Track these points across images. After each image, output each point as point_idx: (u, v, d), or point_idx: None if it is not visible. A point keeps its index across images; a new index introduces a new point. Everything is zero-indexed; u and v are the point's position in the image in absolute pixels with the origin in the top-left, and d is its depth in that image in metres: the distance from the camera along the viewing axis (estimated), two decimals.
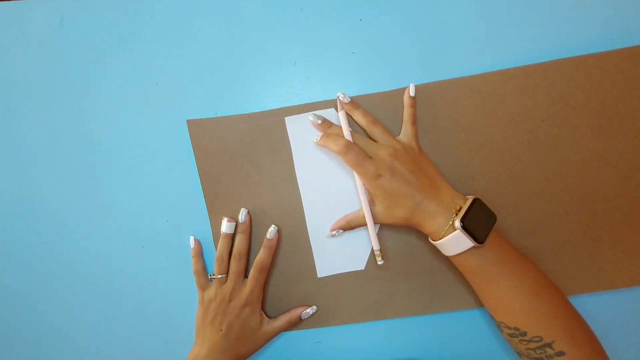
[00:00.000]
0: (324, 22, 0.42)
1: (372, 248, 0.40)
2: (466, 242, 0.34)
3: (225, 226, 0.42)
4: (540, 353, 0.34)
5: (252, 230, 0.43)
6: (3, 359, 0.48)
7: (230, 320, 0.41)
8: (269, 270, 0.43)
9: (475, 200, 0.36)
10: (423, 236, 0.42)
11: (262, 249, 0.42)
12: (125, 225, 0.45)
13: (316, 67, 0.43)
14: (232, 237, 0.42)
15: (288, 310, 0.43)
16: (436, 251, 0.42)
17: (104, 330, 0.47)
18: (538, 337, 0.34)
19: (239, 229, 0.42)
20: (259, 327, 0.42)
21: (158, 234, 0.45)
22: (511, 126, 0.41)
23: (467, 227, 0.34)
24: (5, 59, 0.45)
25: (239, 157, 0.43)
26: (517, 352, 0.37)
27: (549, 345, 0.33)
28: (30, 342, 0.48)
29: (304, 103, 0.42)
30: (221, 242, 0.42)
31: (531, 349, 0.34)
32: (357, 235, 0.43)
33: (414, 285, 0.43)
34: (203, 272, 0.43)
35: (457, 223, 0.34)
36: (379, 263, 0.40)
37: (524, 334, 0.34)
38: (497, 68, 0.40)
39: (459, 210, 0.35)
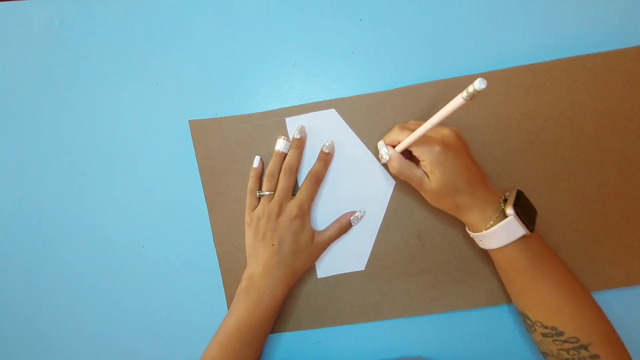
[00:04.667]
0: (324, 22, 0.42)
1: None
2: (518, 230, 0.33)
3: (280, 144, 0.41)
4: (574, 354, 0.33)
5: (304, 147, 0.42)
6: (3, 359, 0.48)
7: (281, 235, 0.40)
8: None
9: (519, 191, 0.35)
10: (424, 236, 0.42)
11: (317, 161, 0.41)
12: (125, 225, 0.45)
13: (316, 67, 0.43)
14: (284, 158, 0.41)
15: (337, 218, 0.42)
16: (436, 252, 0.42)
17: (104, 330, 0.47)
18: (575, 338, 0.33)
19: (294, 143, 0.41)
20: (311, 240, 0.41)
21: (158, 234, 0.45)
22: (513, 126, 0.41)
23: (518, 214, 0.33)
24: (5, 59, 0.45)
25: (240, 157, 0.43)
26: (545, 353, 0.36)
27: (585, 347, 0.33)
28: (30, 341, 0.48)
29: (304, 103, 0.42)
30: (273, 159, 0.41)
31: (564, 350, 0.34)
32: (357, 235, 0.43)
33: (414, 286, 0.43)
34: (255, 192, 0.42)
35: (509, 210, 0.33)
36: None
37: (561, 334, 0.34)
38: (500, 67, 0.40)
39: (505, 199, 0.35)
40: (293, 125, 0.42)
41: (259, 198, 0.42)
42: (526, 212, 0.34)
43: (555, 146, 0.40)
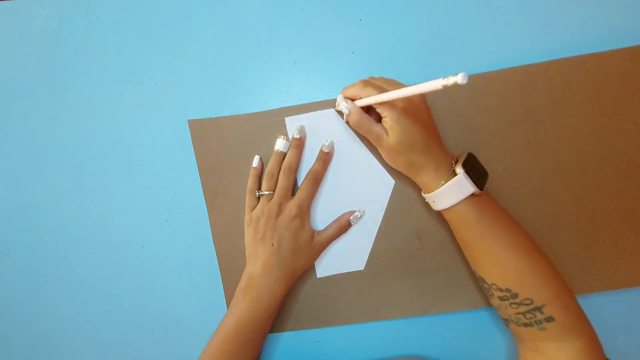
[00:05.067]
0: (324, 22, 0.42)
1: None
2: (467, 188, 0.34)
3: (280, 144, 0.41)
4: (530, 318, 0.33)
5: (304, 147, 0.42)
6: (3, 359, 0.48)
7: (280, 234, 0.40)
8: None
9: (470, 153, 0.36)
10: (424, 236, 0.42)
11: (316, 161, 0.41)
12: (125, 225, 0.45)
13: (316, 67, 0.43)
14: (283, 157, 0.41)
15: (337, 218, 0.43)
16: (436, 252, 0.42)
17: (104, 330, 0.47)
18: (529, 299, 0.33)
19: (293, 143, 0.41)
20: (310, 239, 0.41)
21: (158, 234, 0.45)
22: (511, 126, 0.41)
23: (468, 173, 0.34)
24: (5, 59, 0.45)
25: (239, 157, 0.43)
26: (506, 320, 0.36)
27: (539, 309, 0.33)
28: (31, 341, 0.48)
29: (304, 103, 0.42)
30: (272, 159, 0.41)
31: (521, 313, 0.34)
32: (356, 235, 0.43)
33: (414, 286, 0.43)
34: (254, 192, 0.42)
35: (459, 169, 0.34)
36: None
37: (515, 295, 0.34)
38: (498, 67, 0.40)
39: (456, 161, 0.36)
40: (292, 125, 0.42)
41: (259, 198, 0.42)
42: (476, 171, 0.35)
43: (553, 146, 0.40)
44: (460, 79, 0.25)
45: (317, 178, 0.41)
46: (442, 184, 0.35)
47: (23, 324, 0.48)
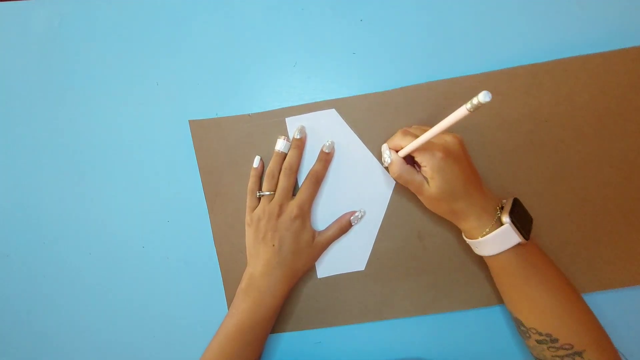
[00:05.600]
0: (324, 22, 0.42)
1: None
2: (513, 238, 0.34)
3: (280, 144, 0.41)
4: None
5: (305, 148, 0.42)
6: (3, 359, 0.48)
7: (281, 235, 0.40)
8: None
9: (515, 199, 0.36)
10: (424, 236, 0.42)
11: (317, 161, 0.41)
12: (125, 225, 0.45)
13: (316, 67, 0.43)
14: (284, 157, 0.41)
15: (337, 218, 0.43)
16: (436, 252, 0.42)
17: (104, 330, 0.47)
18: (569, 344, 0.33)
19: (294, 144, 0.41)
20: (311, 240, 0.41)
21: (158, 234, 0.45)
22: (514, 126, 0.41)
23: (514, 222, 0.33)
24: (5, 59, 0.45)
25: (240, 158, 0.43)
26: (538, 359, 0.37)
27: (579, 354, 0.33)
28: (31, 341, 0.48)
29: (304, 103, 0.42)
30: (273, 160, 0.41)
31: (559, 356, 0.34)
32: (357, 235, 0.43)
33: (414, 286, 0.43)
34: (255, 193, 0.42)
35: (505, 218, 0.33)
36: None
37: (556, 340, 0.34)
38: (500, 67, 0.40)
39: (501, 207, 0.35)
40: (293, 125, 0.42)
41: (259, 198, 0.42)
42: (522, 220, 0.35)
43: (556, 146, 0.40)
44: (482, 97, 0.24)
45: (317, 178, 0.41)
46: (486, 232, 0.34)
47: (23, 324, 0.48)
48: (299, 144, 0.41)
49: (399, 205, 0.42)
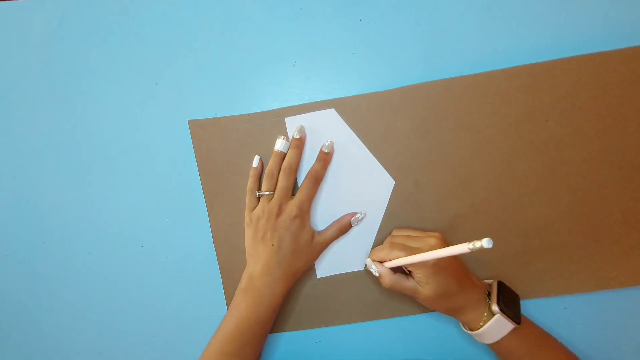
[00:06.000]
0: (324, 22, 0.42)
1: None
2: (507, 325, 0.36)
3: (280, 144, 0.41)
4: None
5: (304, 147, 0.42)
6: (3, 359, 0.48)
7: (280, 235, 0.40)
8: None
9: (499, 283, 0.39)
10: None
11: (316, 161, 0.41)
12: (125, 225, 0.45)
13: (316, 67, 0.43)
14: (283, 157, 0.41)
15: (338, 219, 0.43)
16: None
17: (104, 330, 0.47)
18: None
19: (293, 143, 0.41)
20: (310, 239, 0.41)
21: (158, 234, 0.45)
22: (514, 126, 0.40)
23: (503, 310, 0.36)
24: (5, 59, 0.45)
25: (239, 157, 0.43)
26: None
27: None
28: (30, 341, 0.48)
29: (304, 103, 0.42)
30: (272, 159, 0.41)
31: None
32: (356, 235, 0.43)
33: None
34: (255, 192, 0.42)
35: (494, 307, 0.36)
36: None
37: None
38: (501, 67, 0.40)
39: (488, 294, 0.38)
40: (292, 125, 0.42)
41: (259, 198, 0.42)
42: (510, 303, 0.37)
43: (556, 146, 0.40)
44: (485, 243, 0.26)
45: (317, 178, 0.41)
46: (482, 324, 0.36)
47: (23, 324, 0.48)
48: (299, 144, 0.41)
49: (398, 205, 0.42)
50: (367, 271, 0.42)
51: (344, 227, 0.42)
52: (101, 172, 0.45)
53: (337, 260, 0.43)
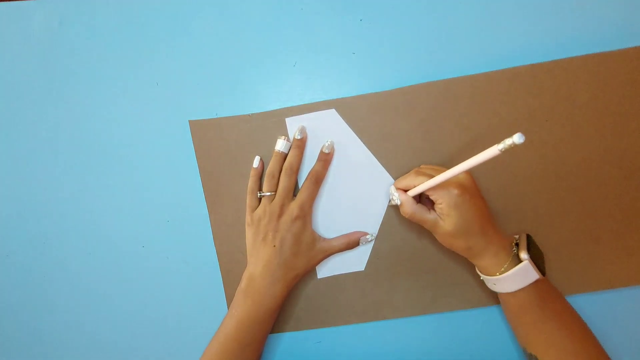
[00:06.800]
0: (324, 22, 0.42)
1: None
2: (532, 275, 0.34)
3: (280, 144, 0.41)
4: None
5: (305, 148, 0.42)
6: (3, 359, 0.48)
7: (282, 235, 0.40)
8: None
9: (528, 236, 0.37)
10: (424, 236, 0.42)
11: (317, 162, 0.41)
12: (125, 225, 0.45)
13: (316, 67, 0.43)
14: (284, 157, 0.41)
15: (347, 233, 0.42)
16: (436, 252, 0.42)
17: (104, 330, 0.47)
18: None
19: (294, 144, 0.41)
20: (313, 243, 0.41)
21: (158, 234, 0.45)
22: (514, 126, 0.40)
23: (533, 259, 0.34)
24: (5, 59, 0.45)
25: (240, 158, 0.43)
26: None
27: None
28: (30, 341, 0.48)
29: (304, 103, 0.42)
30: (273, 160, 0.41)
31: None
32: None
33: (414, 285, 0.43)
34: (255, 193, 0.42)
35: (524, 254, 0.34)
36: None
37: None
38: (501, 67, 0.40)
39: (516, 244, 0.36)
40: (293, 125, 0.42)
41: (260, 198, 0.42)
42: (536, 256, 0.35)
43: (556, 146, 0.40)
44: (516, 138, 0.24)
45: (318, 179, 0.41)
46: (504, 270, 0.35)
47: (23, 325, 0.48)
48: (300, 144, 0.41)
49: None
50: (389, 205, 0.40)
51: (351, 243, 0.42)
52: (101, 172, 0.45)
53: (338, 261, 0.43)
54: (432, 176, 0.35)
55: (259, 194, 0.41)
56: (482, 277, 0.37)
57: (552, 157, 0.41)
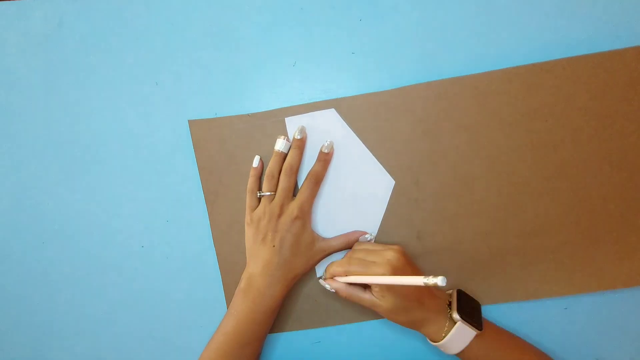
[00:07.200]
0: (324, 22, 0.42)
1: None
2: (469, 332, 0.36)
3: (280, 144, 0.41)
4: None
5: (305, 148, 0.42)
6: (3, 358, 0.48)
7: (282, 236, 0.40)
8: None
9: (458, 291, 0.39)
10: (423, 236, 0.42)
11: (316, 162, 0.41)
12: (125, 224, 0.45)
13: (316, 67, 0.43)
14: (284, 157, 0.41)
15: (346, 233, 0.42)
16: (436, 252, 0.42)
17: (104, 330, 0.47)
18: None
19: (294, 144, 0.41)
20: (312, 243, 0.41)
21: (157, 234, 0.45)
22: (514, 126, 0.40)
23: (464, 317, 0.36)
24: (5, 59, 0.45)
25: (240, 157, 0.43)
26: None
27: None
28: (30, 341, 0.48)
29: (303, 103, 0.42)
30: (273, 160, 0.41)
31: None
32: None
33: None
34: (255, 192, 0.42)
35: (455, 315, 0.36)
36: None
37: None
38: (501, 67, 0.40)
39: (449, 303, 0.38)
40: (293, 125, 0.42)
41: (259, 198, 0.42)
42: (470, 310, 0.37)
43: (556, 146, 0.40)
44: (439, 281, 0.27)
45: (317, 179, 0.41)
46: (444, 335, 0.36)
47: (23, 324, 0.48)
48: (300, 144, 0.41)
49: (399, 205, 0.42)
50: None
51: (350, 242, 0.42)
52: (101, 172, 0.45)
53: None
54: (363, 262, 0.37)
55: (258, 194, 0.41)
56: (432, 344, 0.38)
57: (551, 157, 0.40)
